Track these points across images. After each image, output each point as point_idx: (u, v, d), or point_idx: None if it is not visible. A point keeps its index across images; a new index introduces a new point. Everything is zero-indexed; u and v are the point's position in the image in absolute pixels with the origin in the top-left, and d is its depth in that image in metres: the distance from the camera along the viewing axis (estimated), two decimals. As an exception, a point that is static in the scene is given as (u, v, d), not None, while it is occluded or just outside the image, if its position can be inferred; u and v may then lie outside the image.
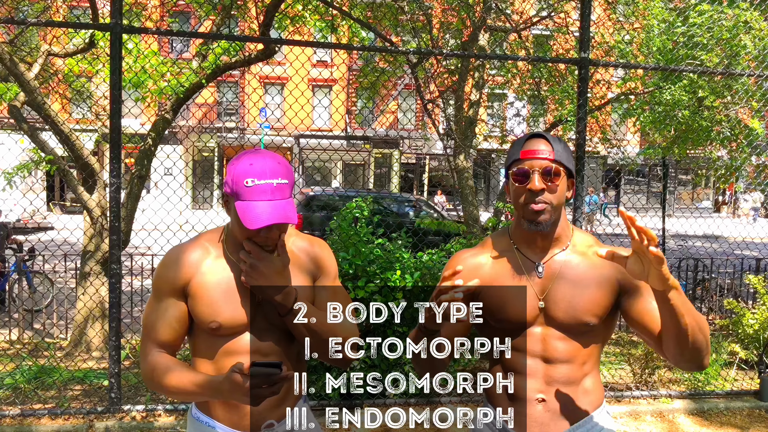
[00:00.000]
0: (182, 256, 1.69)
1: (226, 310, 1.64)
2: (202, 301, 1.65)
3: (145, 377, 1.68)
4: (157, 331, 1.67)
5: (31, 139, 5.69)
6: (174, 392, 1.62)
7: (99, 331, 5.52)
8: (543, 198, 1.63)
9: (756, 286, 5.58)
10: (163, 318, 1.67)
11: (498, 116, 22.17)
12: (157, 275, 1.72)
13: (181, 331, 1.69)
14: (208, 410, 1.73)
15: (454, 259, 1.82)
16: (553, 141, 1.67)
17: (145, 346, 1.69)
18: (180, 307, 1.68)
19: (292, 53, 6.74)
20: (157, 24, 8.86)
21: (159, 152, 5.80)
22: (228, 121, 27.39)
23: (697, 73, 6.61)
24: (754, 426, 4.59)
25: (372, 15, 8.74)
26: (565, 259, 1.71)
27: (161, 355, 1.66)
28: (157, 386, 1.64)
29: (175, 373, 1.61)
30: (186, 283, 1.67)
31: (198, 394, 1.59)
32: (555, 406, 1.67)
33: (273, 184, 1.56)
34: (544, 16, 9.48)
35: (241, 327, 1.66)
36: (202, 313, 1.65)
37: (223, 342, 1.66)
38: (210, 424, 1.71)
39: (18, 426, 4.00)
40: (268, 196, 1.55)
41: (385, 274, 4.37)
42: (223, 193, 1.70)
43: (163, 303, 1.68)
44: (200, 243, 1.73)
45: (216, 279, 1.66)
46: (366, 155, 27.61)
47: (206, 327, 1.65)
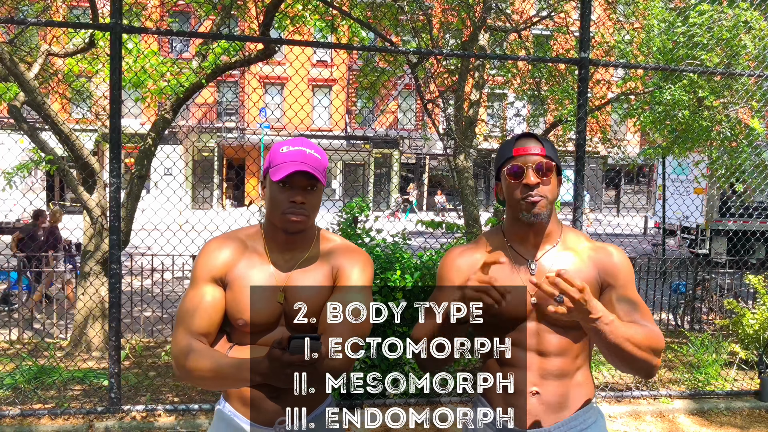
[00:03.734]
0: (223, 247, 1.72)
1: (254, 309, 1.65)
2: (234, 296, 1.67)
3: (177, 363, 1.63)
4: (192, 319, 1.65)
5: (31, 139, 5.69)
6: (208, 376, 1.59)
7: (99, 331, 5.52)
8: (539, 191, 1.69)
9: (756, 286, 5.58)
10: (201, 305, 1.66)
11: (498, 116, 22.17)
12: (197, 264, 1.72)
13: (216, 320, 1.67)
14: (233, 403, 1.74)
15: (447, 257, 1.85)
16: (542, 139, 1.76)
17: (177, 334, 1.66)
18: (217, 294, 1.68)
19: (292, 53, 6.74)
20: (157, 24, 8.86)
21: (159, 152, 5.80)
22: (228, 121, 27.39)
23: (697, 73, 6.61)
24: (754, 426, 4.59)
25: (372, 15, 8.73)
26: (556, 256, 1.77)
27: (196, 342, 1.63)
28: (191, 370, 1.60)
29: (211, 355, 1.60)
30: (225, 273, 1.69)
31: (234, 377, 1.55)
32: (548, 398, 1.72)
33: (305, 151, 1.66)
34: (544, 16, 9.47)
35: (268, 326, 1.68)
36: (232, 308, 1.67)
37: (255, 337, 1.68)
38: (237, 416, 1.72)
39: (18, 426, 4.00)
40: (299, 158, 1.63)
41: (385, 274, 4.37)
42: (261, 181, 1.77)
43: (201, 290, 1.67)
44: (239, 237, 1.76)
45: (249, 276, 1.68)
46: (366, 155, 27.62)
47: (234, 322, 1.68)
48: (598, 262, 1.76)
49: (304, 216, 1.66)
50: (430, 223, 5.88)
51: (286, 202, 1.64)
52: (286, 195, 1.64)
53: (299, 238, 1.74)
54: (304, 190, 1.65)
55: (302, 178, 1.64)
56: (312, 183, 1.66)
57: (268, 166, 1.69)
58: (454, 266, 1.81)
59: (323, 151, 1.72)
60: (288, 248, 1.74)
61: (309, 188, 1.66)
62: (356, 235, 4.62)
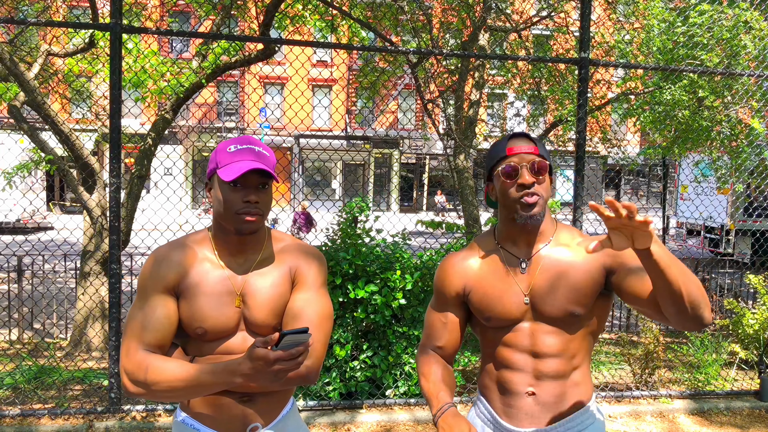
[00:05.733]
0: (172, 255, 1.66)
1: (212, 315, 1.61)
2: (189, 305, 1.62)
3: (133, 378, 1.53)
4: (145, 332, 1.57)
5: (31, 139, 5.69)
6: (174, 388, 1.50)
7: (99, 331, 5.52)
8: (534, 190, 1.67)
9: (756, 286, 5.58)
10: (152, 317, 1.59)
11: (498, 116, 22.18)
12: (144, 274, 1.65)
13: (170, 332, 1.61)
14: (194, 414, 1.68)
15: (443, 267, 1.85)
16: (533, 139, 1.73)
17: (129, 348, 1.56)
18: (170, 305, 1.61)
19: (292, 53, 6.73)
20: (157, 24, 8.86)
21: (159, 152, 5.80)
22: (228, 121, 27.40)
23: (697, 73, 6.60)
24: (754, 426, 4.59)
25: (372, 15, 8.74)
26: (548, 253, 1.74)
27: (152, 354, 1.56)
28: (151, 383, 1.51)
29: (175, 366, 1.52)
30: (176, 283, 1.63)
31: (208, 383, 1.49)
32: (544, 399, 1.71)
33: (255, 149, 1.62)
34: (544, 16, 9.47)
35: (227, 331, 1.63)
36: (189, 317, 1.61)
37: (214, 345, 1.63)
38: (196, 427, 1.67)
39: (18, 426, 4.00)
40: (250, 157, 1.60)
41: (385, 274, 4.37)
42: (206, 182, 1.71)
43: (152, 301, 1.60)
44: (187, 244, 1.69)
45: (202, 283, 1.63)
46: (366, 155, 27.61)
47: (192, 332, 1.62)
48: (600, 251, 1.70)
49: (258, 215, 1.62)
50: (430, 223, 5.88)
51: (240, 202, 1.59)
52: (240, 195, 1.60)
53: (251, 240, 1.69)
54: (256, 189, 1.61)
55: (255, 176, 1.60)
56: (264, 181, 1.62)
57: (215, 167, 1.63)
58: (450, 275, 1.81)
59: (270, 149, 1.68)
60: (240, 250, 1.68)
61: (261, 187, 1.62)
62: (356, 235, 4.61)
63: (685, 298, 1.45)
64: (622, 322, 7.43)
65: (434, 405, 1.68)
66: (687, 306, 1.46)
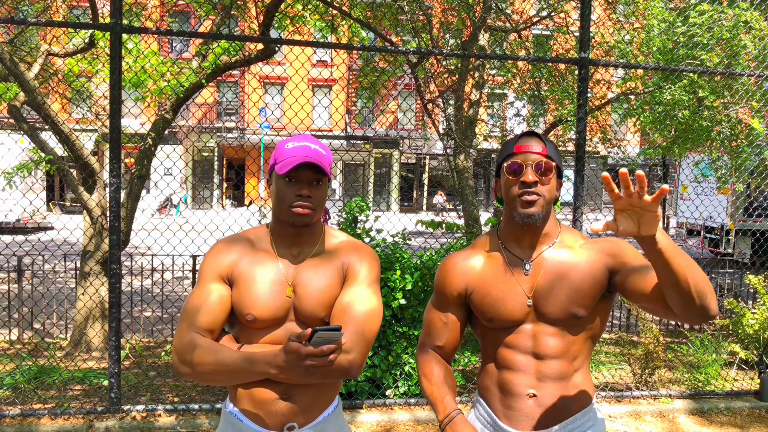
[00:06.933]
0: (230, 245, 1.75)
1: (263, 303, 1.66)
2: (241, 292, 1.68)
3: (181, 358, 1.61)
4: (197, 315, 1.64)
5: (31, 139, 5.69)
6: (216, 371, 1.57)
7: (99, 331, 5.52)
8: (536, 190, 1.67)
9: (756, 286, 5.58)
10: (206, 303, 1.66)
11: (498, 116, 22.18)
12: (203, 264, 1.74)
13: (221, 317, 1.67)
14: (240, 407, 1.72)
15: (445, 265, 1.84)
16: (545, 139, 1.73)
17: (180, 329, 1.65)
18: (223, 291, 1.68)
19: (292, 53, 6.73)
20: (157, 24, 8.85)
21: (159, 152, 5.80)
22: (228, 121, 27.41)
23: (697, 73, 6.60)
24: (754, 426, 4.59)
25: (372, 15, 8.73)
26: (551, 255, 1.74)
27: (201, 337, 1.62)
28: (196, 364, 1.58)
29: (219, 349, 1.59)
30: (230, 270, 1.70)
31: (245, 371, 1.56)
32: (546, 401, 1.70)
33: (310, 147, 1.68)
34: (544, 16, 9.47)
35: (277, 320, 1.68)
36: (240, 303, 1.67)
37: (263, 333, 1.68)
38: (239, 418, 1.71)
39: (18, 426, 4.00)
40: (304, 153, 1.66)
41: (385, 274, 4.37)
42: (267, 178, 1.79)
43: (207, 288, 1.68)
44: (246, 237, 1.78)
45: (256, 271, 1.70)
46: (366, 155, 27.62)
47: (242, 318, 1.67)
48: (600, 250, 1.72)
49: (310, 209, 1.67)
50: (430, 223, 5.88)
51: (293, 195, 1.66)
52: (293, 189, 1.66)
53: (307, 233, 1.75)
54: (309, 184, 1.67)
55: (308, 171, 1.66)
56: (317, 177, 1.68)
57: (274, 162, 1.71)
58: (452, 274, 1.81)
59: (328, 148, 1.75)
60: (296, 243, 1.75)
61: (315, 182, 1.68)
62: (356, 235, 4.61)
63: (691, 287, 1.44)
64: (622, 322, 7.43)
65: (440, 410, 1.69)
66: (694, 296, 1.45)
